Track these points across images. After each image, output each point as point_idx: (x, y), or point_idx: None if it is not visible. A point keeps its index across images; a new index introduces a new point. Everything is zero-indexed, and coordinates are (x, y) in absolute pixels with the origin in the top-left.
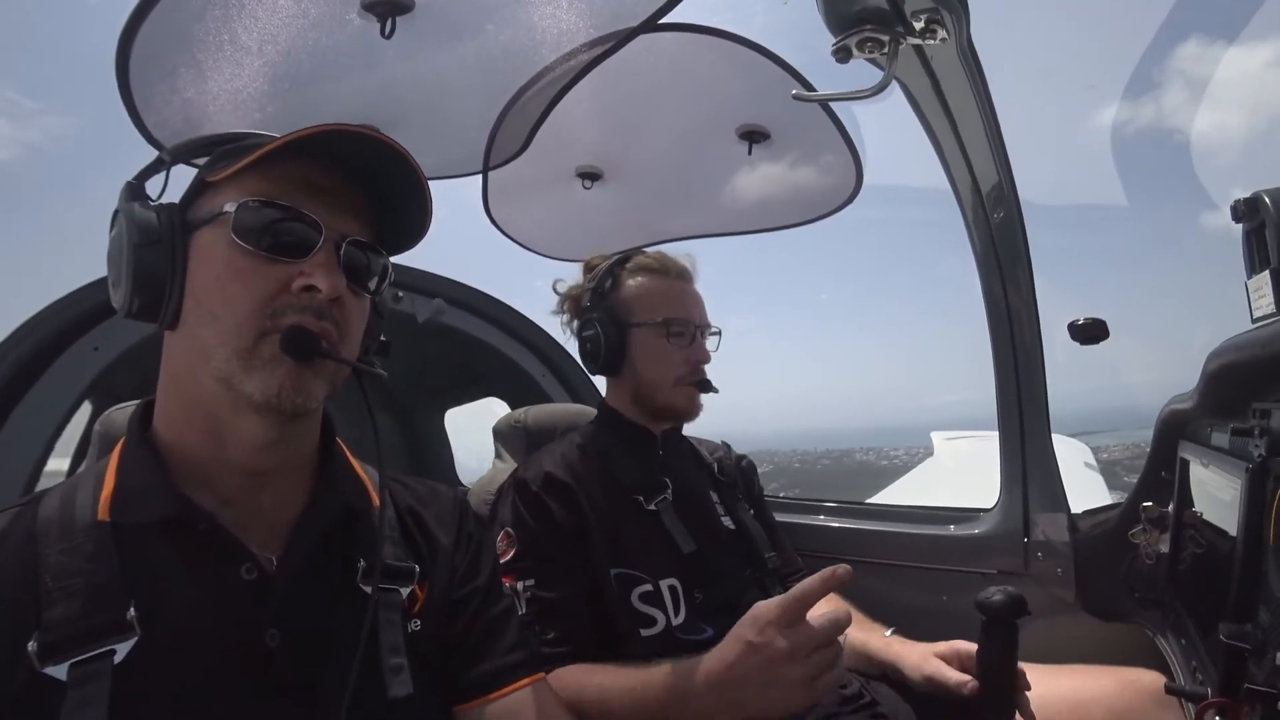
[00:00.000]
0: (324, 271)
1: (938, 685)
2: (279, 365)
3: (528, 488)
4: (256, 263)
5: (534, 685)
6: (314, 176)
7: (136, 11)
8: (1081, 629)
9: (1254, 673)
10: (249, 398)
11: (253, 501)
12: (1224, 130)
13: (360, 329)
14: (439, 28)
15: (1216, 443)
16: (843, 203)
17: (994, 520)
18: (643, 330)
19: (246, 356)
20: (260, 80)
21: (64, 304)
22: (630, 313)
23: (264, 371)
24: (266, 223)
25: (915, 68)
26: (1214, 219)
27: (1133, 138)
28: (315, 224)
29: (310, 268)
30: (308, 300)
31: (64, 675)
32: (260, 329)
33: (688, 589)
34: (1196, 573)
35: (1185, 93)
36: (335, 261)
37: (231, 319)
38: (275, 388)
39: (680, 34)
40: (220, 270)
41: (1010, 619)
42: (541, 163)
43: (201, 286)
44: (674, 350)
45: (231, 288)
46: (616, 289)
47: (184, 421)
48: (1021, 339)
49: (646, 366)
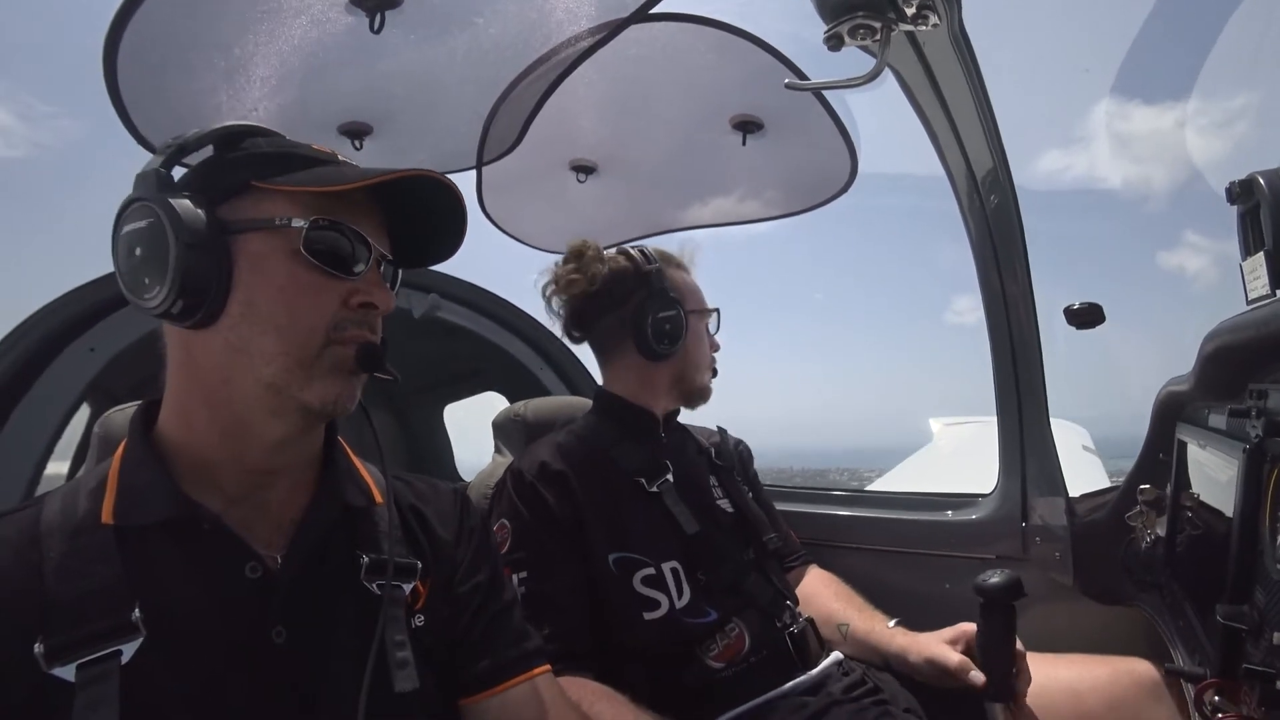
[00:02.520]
0: (379, 289)
1: (938, 667)
2: (339, 376)
3: (523, 478)
4: (321, 278)
5: (540, 678)
6: (359, 195)
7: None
8: (1080, 613)
9: (1251, 653)
10: (304, 405)
11: (258, 500)
12: (1148, 181)
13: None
14: (428, 21)
15: (1214, 424)
16: (838, 191)
17: (992, 505)
18: (697, 317)
19: (309, 366)
20: (251, 79)
21: (59, 305)
22: (683, 299)
23: (324, 381)
24: (332, 240)
25: (908, 54)
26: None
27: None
28: (367, 243)
29: (365, 285)
30: (364, 316)
31: (72, 677)
32: (325, 340)
33: (690, 571)
34: (1194, 554)
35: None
36: (381, 278)
37: (299, 331)
38: (334, 396)
39: (672, 24)
40: (284, 282)
41: (1008, 601)
42: (535, 156)
43: (260, 295)
44: (707, 338)
45: (299, 301)
46: (663, 277)
47: (205, 420)
48: (1018, 324)
49: (695, 350)
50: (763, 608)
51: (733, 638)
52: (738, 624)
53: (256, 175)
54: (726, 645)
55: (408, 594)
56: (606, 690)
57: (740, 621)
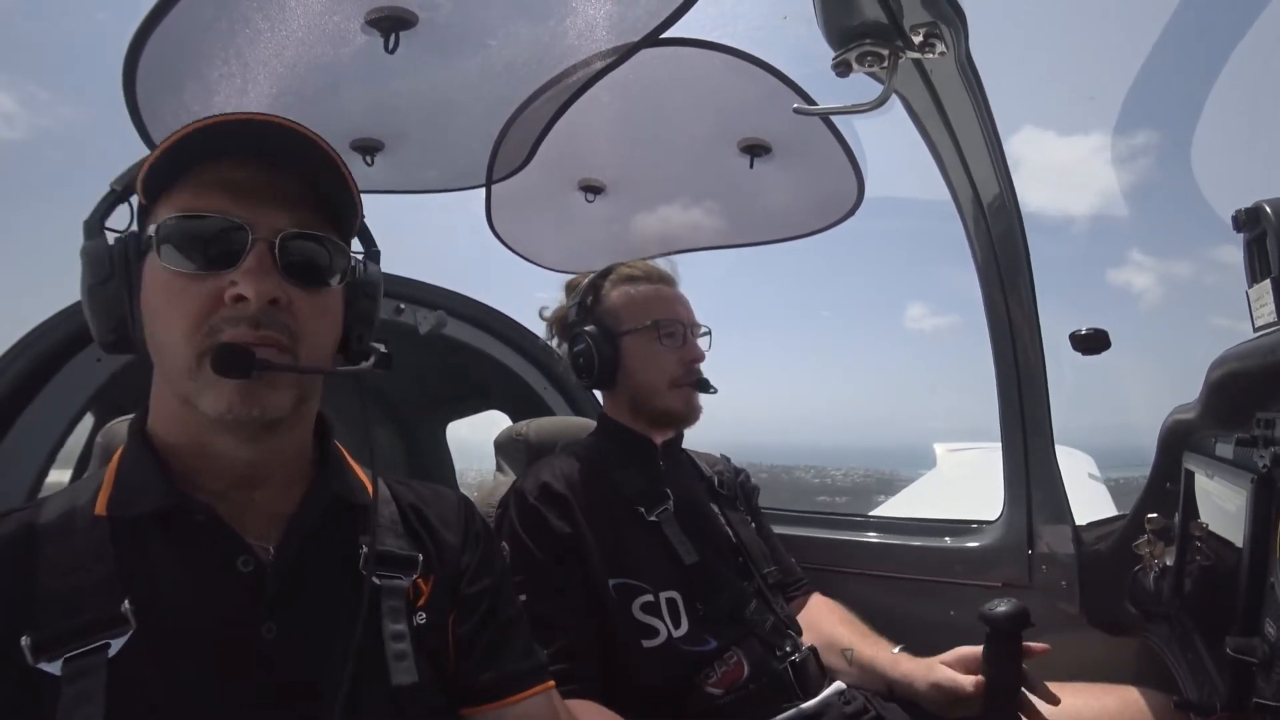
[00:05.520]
0: (251, 278)
1: (947, 692)
2: (222, 383)
3: (525, 499)
4: (185, 281)
5: (544, 695)
6: (237, 175)
7: (144, 25)
8: (1086, 642)
9: (1262, 687)
10: (206, 415)
11: (245, 499)
12: (1067, 209)
13: (325, 325)
14: (442, 43)
15: (1221, 453)
16: (844, 215)
17: (998, 532)
18: (633, 337)
19: (194, 376)
20: (265, 95)
21: (66, 315)
22: (619, 321)
23: (212, 390)
24: (190, 236)
25: (915, 81)
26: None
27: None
28: (239, 226)
29: (239, 275)
30: (241, 311)
31: (58, 670)
32: (200, 349)
33: (689, 601)
34: (1202, 585)
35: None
36: (269, 263)
37: (173, 343)
38: (225, 404)
39: (682, 48)
40: (154, 295)
41: (1014, 631)
42: (544, 176)
43: (148, 315)
44: (666, 352)
45: (167, 312)
46: (601, 301)
47: (175, 434)
48: (1023, 349)
49: (641, 372)
50: (763, 637)
51: (731, 665)
52: (736, 652)
53: (145, 196)
54: (725, 673)
55: (408, 588)
56: (609, 715)
57: (739, 650)
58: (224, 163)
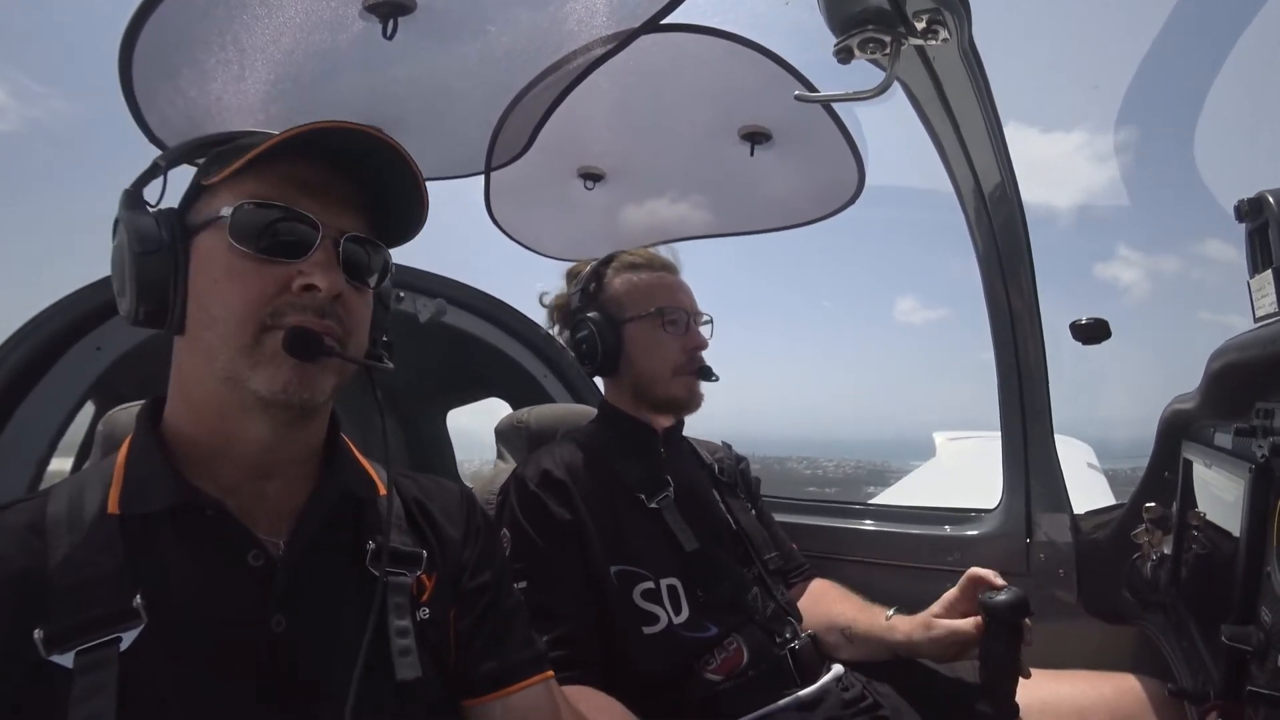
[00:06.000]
0: (323, 270)
1: (950, 642)
2: (284, 361)
3: (526, 486)
4: (254, 264)
5: (544, 684)
6: (308, 174)
7: (139, 13)
8: (1083, 630)
9: (1256, 675)
10: (255, 394)
11: (258, 491)
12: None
13: (366, 324)
14: (441, 29)
15: (1219, 443)
16: (845, 203)
17: (996, 521)
18: (636, 324)
19: (250, 354)
20: (262, 82)
21: (66, 304)
22: (622, 309)
23: (270, 367)
24: (263, 224)
25: (917, 68)
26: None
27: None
28: (313, 222)
29: (309, 267)
30: (309, 299)
31: (70, 663)
32: (261, 326)
33: (689, 588)
34: (1199, 574)
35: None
36: (334, 259)
37: (231, 320)
38: (281, 383)
39: (682, 34)
40: (219, 274)
41: (1015, 620)
42: (543, 163)
43: (203, 291)
44: (669, 339)
45: (230, 290)
46: (604, 288)
47: (194, 421)
48: (1024, 339)
49: (644, 359)
50: (763, 623)
51: (731, 651)
52: (736, 639)
53: (205, 176)
54: (725, 659)
55: (412, 584)
56: (609, 700)
57: (740, 637)
58: (299, 160)
